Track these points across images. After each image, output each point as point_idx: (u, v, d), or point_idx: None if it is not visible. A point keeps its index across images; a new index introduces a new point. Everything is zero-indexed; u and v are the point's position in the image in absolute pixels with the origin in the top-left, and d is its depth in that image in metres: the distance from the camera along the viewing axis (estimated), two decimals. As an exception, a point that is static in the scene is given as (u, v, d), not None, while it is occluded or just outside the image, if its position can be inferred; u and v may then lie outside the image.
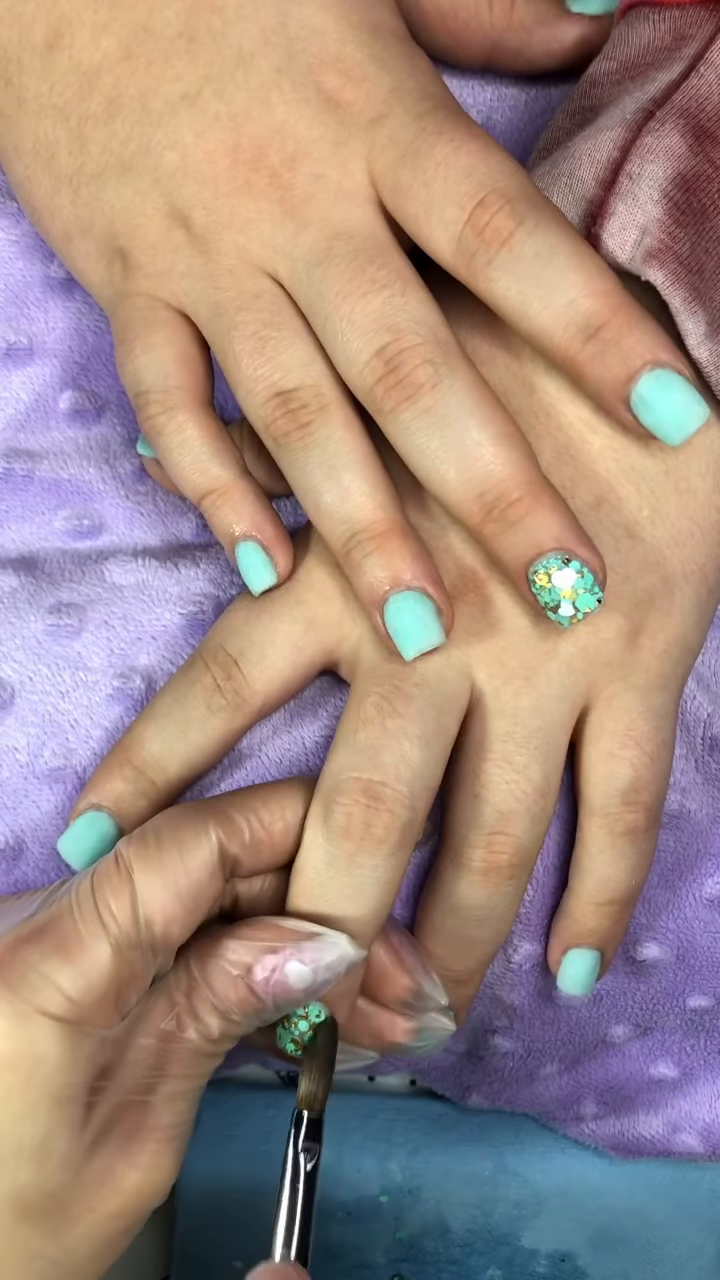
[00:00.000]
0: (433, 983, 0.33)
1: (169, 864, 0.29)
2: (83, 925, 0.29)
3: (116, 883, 0.29)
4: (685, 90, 0.31)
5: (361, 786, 0.31)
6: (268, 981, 0.30)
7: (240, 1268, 0.46)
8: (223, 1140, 0.46)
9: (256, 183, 0.31)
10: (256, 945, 0.30)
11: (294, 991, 0.30)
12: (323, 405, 0.31)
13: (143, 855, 0.29)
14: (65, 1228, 0.29)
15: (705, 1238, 0.46)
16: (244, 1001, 0.30)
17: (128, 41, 0.31)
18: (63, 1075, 0.28)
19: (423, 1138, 0.47)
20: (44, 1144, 0.28)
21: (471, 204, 0.29)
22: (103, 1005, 0.28)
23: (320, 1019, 0.32)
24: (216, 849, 0.30)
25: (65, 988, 0.28)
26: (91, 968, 0.28)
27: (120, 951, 0.29)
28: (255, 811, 0.31)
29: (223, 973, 0.30)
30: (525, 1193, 0.46)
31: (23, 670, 0.34)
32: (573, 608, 0.30)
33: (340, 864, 0.31)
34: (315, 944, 0.30)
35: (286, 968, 0.30)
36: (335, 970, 0.30)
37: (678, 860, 0.37)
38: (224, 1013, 0.30)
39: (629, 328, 0.29)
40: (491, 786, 0.32)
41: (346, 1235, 0.46)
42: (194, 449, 0.32)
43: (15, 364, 0.37)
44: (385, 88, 0.31)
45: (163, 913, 0.29)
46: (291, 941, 0.30)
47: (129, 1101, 0.30)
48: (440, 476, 0.30)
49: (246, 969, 0.30)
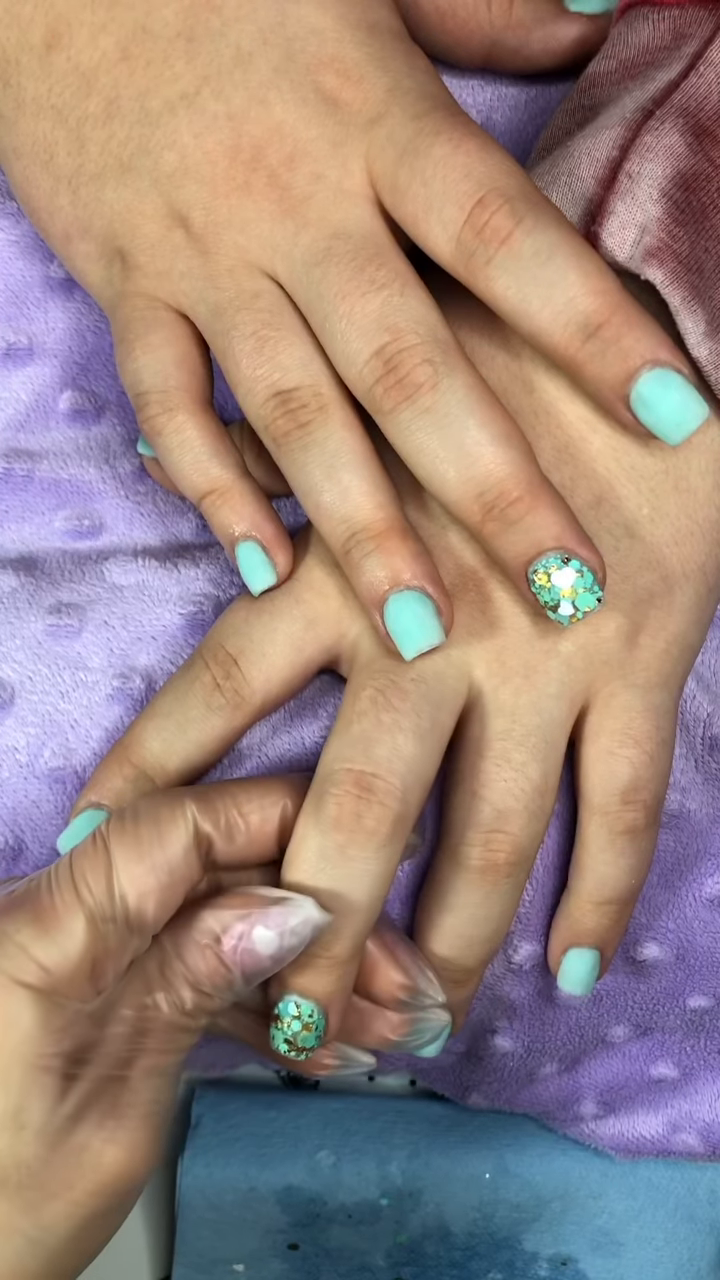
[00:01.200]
0: (428, 980, 0.33)
1: (145, 839, 0.30)
2: (59, 897, 0.29)
3: (93, 857, 0.29)
4: (685, 89, 0.31)
5: (353, 778, 0.31)
6: (235, 950, 0.30)
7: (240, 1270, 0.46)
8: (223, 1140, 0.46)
9: (255, 183, 0.31)
10: (224, 914, 0.30)
11: (261, 958, 0.30)
12: (322, 405, 0.31)
13: (120, 831, 0.30)
14: (42, 1203, 0.29)
15: (706, 1240, 0.46)
16: (214, 972, 0.30)
17: (126, 42, 0.31)
18: (36, 1044, 0.28)
19: (423, 1140, 0.47)
20: (18, 1114, 0.28)
21: (470, 203, 0.29)
22: (77, 977, 0.29)
23: (314, 1018, 0.31)
24: (192, 827, 0.30)
25: (40, 957, 0.28)
26: (67, 939, 0.29)
27: (95, 924, 0.29)
28: (235, 798, 0.31)
29: (193, 943, 0.30)
30: (526, 1195, 0.46)
31: (23, 670, 0.34)
32: (572, 607, 0.30)
33: (332, 855, 0.31)
34: (280, 909, 0.30)
35: (253, 934, 0.30)
36: (301, 934, 0.30)
37: (678, 860, 0.37)
38: (195, 984, 0.30)
39: (628, 326, 0.29)
40: (490, 785, 0.32)
41: (347, 1238, 0.46)
42: (193, 449, 0.32)
43: (15, 364, 0.37)
44: (383, 87, 0.30)
45: (137, 887, 0.29)
46: (258, 907, 0.30)
47: (108, 1077, 0.30)
48: (440, 476, 0.30)
49: (215, 938, 0.30)
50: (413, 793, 0.31)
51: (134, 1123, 0.30)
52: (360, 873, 0.31)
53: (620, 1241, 0.46)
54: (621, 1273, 0.46)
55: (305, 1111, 0.47)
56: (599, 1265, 0.46)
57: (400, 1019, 0.33)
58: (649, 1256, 0.46)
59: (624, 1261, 0.46)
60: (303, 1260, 0.46)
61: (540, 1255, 0.46)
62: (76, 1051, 0.29)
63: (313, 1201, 0.46)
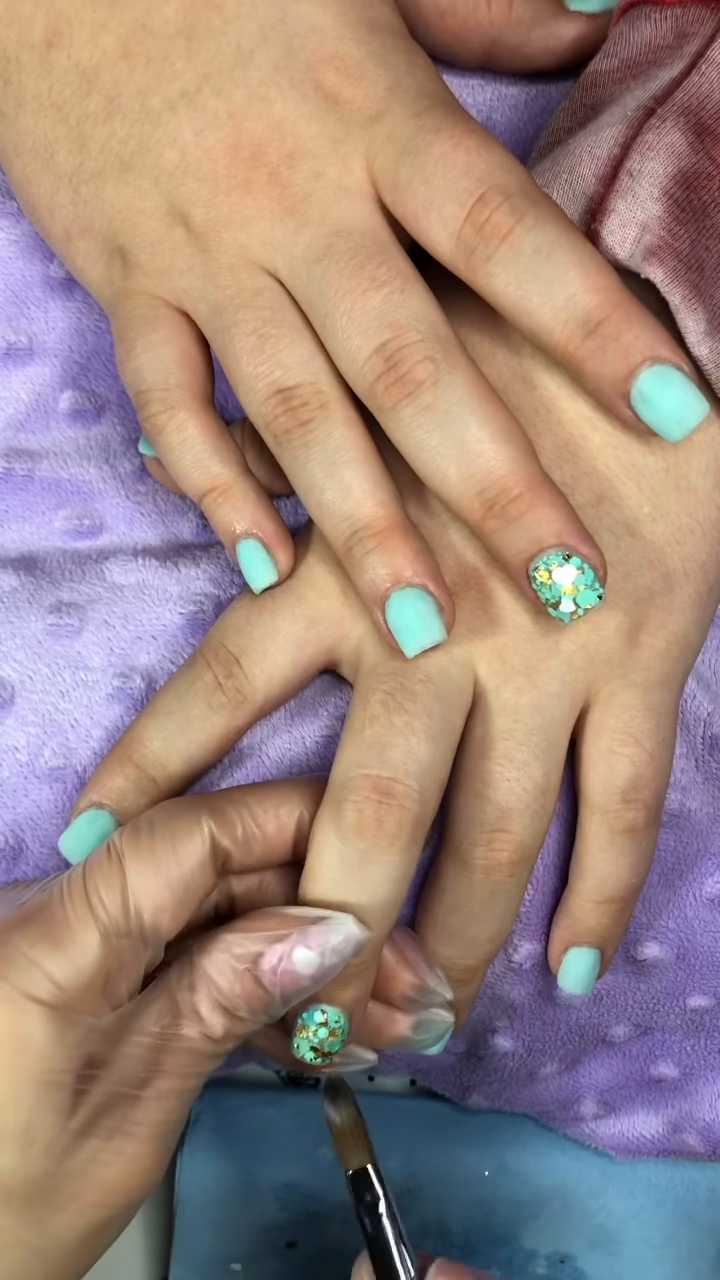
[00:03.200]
0: (437, 978, 0.33)
1: (160, 854, 0.29)
2: (72, 912, 0.28)
3: (107, 871, 0.29)
4: (686, 87, 0.31)
5: (371, 783, 0.30)
6: (275, 970, 0.29)
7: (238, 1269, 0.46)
8: (222, 1140, 0.46)
9: (256, 180, 0.30)
10: (261, 935, 0.29)
11: (302, 979, 0.29)
12: (323, 403, 0.30)
13: (134, 844, 0.29)
14: (48, 1215, 0.28)
15: (705, 1238, 0.46)
16: (250, 995, 0.29)
17: (126, 40, 0.31)
18: (48, 1060, 0.28)
19: (421, 1138, 0.47)
20: (27, 1129, 0.28)
21: (471, 200, 0.29)
22: (90, 992, 0.28)
23: (339, 1023, 0.31)
24: (209, 841, 0.29)
25: (53, 973, 0.28)
26: (80, 954, 0.28)
27: (109, 939, 0.28)
28: (249, 807, 0.30)
29: (228, 966, 0.29)
30: (525, 1193, 0.46)
31: (23, 670, 0.34)
32: (573, 604, 0.30)
33: (354, 862, 0.30)
34: (321, 927, 0.29)
35: (294, 955, 0.29)
36: (343, 953, 0.29)
37: (678, 859, 0.37)
38: (230, 1009, 0.29)
39: (629, 323, 0.29)
40: (493, 784, 0.32)
41: (345, 1236, 0.46)
42: (195, 447, 0.32)
43: (15, 364, 0.37)
44: (384, 85, 0.30)
45: (152, 901, 0.29)
46: (296, 928, 0.29)
47: (119, 1093, 0.29)
48: (441, 473, 0.30)
49: (253, 959, 0.29)
50: (429, 794, 0.31)
51: (143, 1140, 0.29)
52: (382, 878, 0.30)
53: (619, 1240, 0.46)
54: (620, 1271, 0.46)
55: (304, 1109, 0.47)
56: (598, 1263, 0.46)
57: (409, 1019, 0.33)
58: (648, 1255, 0.46)
59: (623, 1260, 0.46)
60: (300, 1258, 0.46)
61: (539, 1253, 0.46)
62: (87, 1067, 0.28)
63: (311, 1199, 0.46)
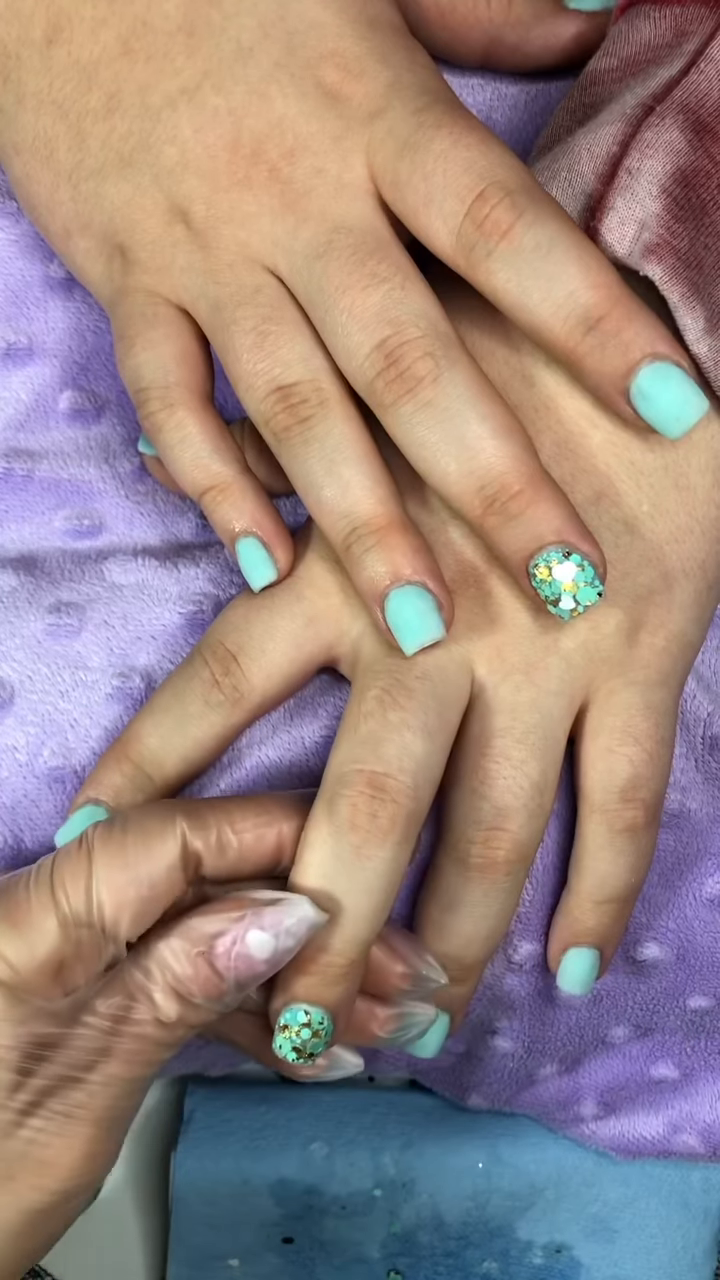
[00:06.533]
0: (428, 964, 0.32)
1: (130, 850, 0.28)
2: (34, 897, 0.28)
3: (76, 862, 0.28)
4: (685, 86, 0.30)
5: (365, 778, 0.29)
6: (229, 954, 0.28)
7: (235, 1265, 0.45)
8: (217, 1137, 0.45)
9: (256, 177, 0.30)
10: (216, 918, 0.29)
11: (256, 963, 0.28)
12: (322, 400, 0.30)
13: (105, 839, 0.29)
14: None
15: (700, 1227, 0.45)
16: (204, 979, 0.28)
17: (126, 36, 0.30)
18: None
19: (416, 1130, 0.46)
20: None
21: (471, 197, 0.28)
22: (42, 976, 0.28)
23: (323, 1024, 0.30)
24: (180, 843, 0.29)
25: (6, 953, 0.28)
26: (37, 939, 0.28)
27: (68, 927, 0.28)
28: (230, 815, 0.30)
29: (181, 950, 0.29)
30: (519, 1184, 0.45)
31: (22, 670, 0.33)
32: (573, 601, 0.29)
33: (347, 857, 0.29)
34: (275, 909, 0.29)
35: (247, 937, 0.28)
36: (296, 934, 0.29)
37: (678, 859, 0.36)
38: (184, 994, 0.29)
39: (628, 320, 0.28)
40: (490, 782, 0.31)
41: (341, 1230, 0.45)
42: (194, 445, 0.31)
43: (15, 364, 0.36)
44: (384, 82, 0.29)
45: (116, 896, 0.28)
46: (250, 910, 0.29)
47: (66, 1076, 0.29)
48: (441, 470, 0.29)
49: (207, 942, 0.28)
50: (423, 790, 0.30)
51: (86, 1123, 0.29)
52: (374, 873, 0.29)
53: (614, 1229, 0.45)
54: (616, 1259, 0.45)
55: (298, 1104, 0.46)
56: (593, 1252, 0.45)
57: (387, 1014, 0.32)
58: (643, 1243, 0.45)
59: (618, 1248, 0.45)
60: (297, 1253, 0.45)
61: (534, 1243, 0.45)
62: (35, 1046, 0.28)
63: (306, 1194, 0.45)
